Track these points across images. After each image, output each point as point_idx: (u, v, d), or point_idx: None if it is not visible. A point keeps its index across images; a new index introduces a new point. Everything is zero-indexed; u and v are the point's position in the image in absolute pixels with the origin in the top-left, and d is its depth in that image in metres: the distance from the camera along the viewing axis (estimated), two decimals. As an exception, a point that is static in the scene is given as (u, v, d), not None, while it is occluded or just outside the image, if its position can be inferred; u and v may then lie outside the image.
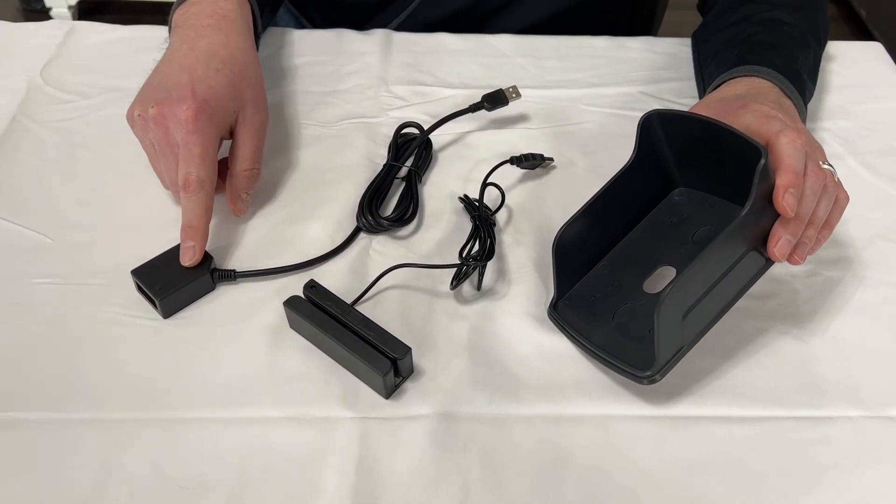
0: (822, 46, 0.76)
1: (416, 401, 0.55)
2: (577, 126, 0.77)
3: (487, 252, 0.62)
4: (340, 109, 0.77)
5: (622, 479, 0.51)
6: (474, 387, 0.56)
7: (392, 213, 0.67)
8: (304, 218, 0.67)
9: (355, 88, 0.79)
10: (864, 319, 0.61)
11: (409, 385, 0.56)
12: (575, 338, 0.58)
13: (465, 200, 0.68)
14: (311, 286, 0.58)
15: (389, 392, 0.54)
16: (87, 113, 0.76)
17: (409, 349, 0.54)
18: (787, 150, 0.53)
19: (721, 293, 0.54)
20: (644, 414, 0.55)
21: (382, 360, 0.53)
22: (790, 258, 0.55)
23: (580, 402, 0.55)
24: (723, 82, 0.66)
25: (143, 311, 0.59)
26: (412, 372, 0.56)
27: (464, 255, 0.61)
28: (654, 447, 0.53)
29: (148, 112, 0.62)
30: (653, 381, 0.54)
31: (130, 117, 0.64)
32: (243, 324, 0.59)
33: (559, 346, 0.58)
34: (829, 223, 0.57)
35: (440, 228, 0.67)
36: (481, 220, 0.64)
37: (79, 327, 0.58)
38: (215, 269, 0.61)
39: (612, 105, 0.79)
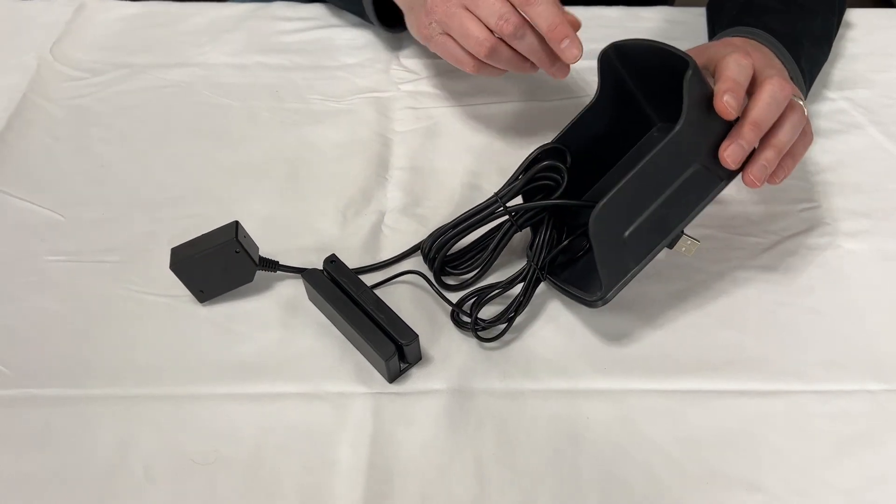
0: (835, 14, 0.74)
1: (429, 376, 0.55)
2: (589, 99, 0.75)
3: (517, 307, 0.56)
4: (350, 83, 0.76)
5: (638, 454, 0.51)
6: (487, 362, 0.55)
7: (460, 266, 0.60)
8: (317, 194, 0.66)
9: (365, 62, 0.79)
10: (884, 292, 0.60)
11: (414, 371, 0.55)
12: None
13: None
14: (331, 261, 0.58)
15: (393, 377, 0.54)
16: (98, 90, 0.76)
17: (417, 336, 0.53)
18: (728, 65, 0.52)
19: (669, 213, 0.53)
20: (660, 388, 0.54)
21: (388, 344, 0.53)
22: (746, 177, 0.53)
23: (595, 376, 0.55)
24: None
25: (156, 287, 0.59)
26: (420, 359, 0.55)
27: (472, 311, 0.56)
28: (671, 422, 0.52)
29: None
30: (605, 302, 0.53)
31: (425, 29, 0.63)
32: (258, 299, 0.59)
33: (573, 320, 0.58)
34: (793, 153, 0.55)
35: (452, 203, 0.66)
36: (530, 275, 0.57)
37: (93, 304, 0.59)
38: (262, 260, 0.59)
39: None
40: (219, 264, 0.56)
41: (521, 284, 0.57)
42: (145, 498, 0.49)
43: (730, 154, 0.51)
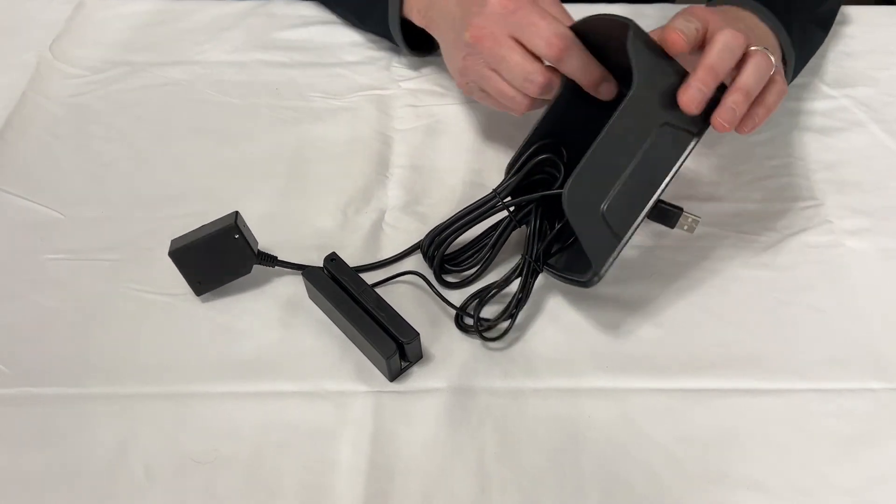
0: None
1: (430, 375, 0.55)
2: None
3: (517, 303, 0.56)
4: (350, 81, 0.76)
5: (639, 453, 0.51)
6: (489, 361, 0.55)
7: (462, 264, 0.60)
8: (317, 192, 0.66)
9: (366, 59, 0.78)
10: (885, 290, 0.59)
11: (415, 370, 0.55)
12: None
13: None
14: (332, 259, 0.58)
15: (394, 375, 0.54)
16: (97, 88, 0.75)
17: (418, 334, 0.53)
18: (675, 21, 0.52)
19: (645, 178, 0.51)
20: (661, 387, 0.54)
21: (388, 342, 0.53)
22: (714, 121, 0.51)
23: (596, 375, 0.55)
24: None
25: (156, 285, 0.59)
26: (420, 357, 0.55)
27: (475, 313, 0.56)
28: (672, 421, 0.52)
29: (465, 50, 0.59)
30: (599, 278, 0.52)
31: (464, 86, 0.64)
32: (258, 297, 0.59)
33: (574, 319, 0.58)
34: (764, 102, 0.53)
35: (453, 201, 0.66)
36: (526, 268, 0.57)
37: (92, 303, 0.58)
38: (261, 254, 0.59)
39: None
40: (217, 252, 0.56)
41: (519, 279, 0.57)
42: (145, 497, 0.49)
43: (687, 98, 0.50)
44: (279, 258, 0.59)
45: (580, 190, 0.50)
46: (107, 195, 0.66)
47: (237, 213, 0.57)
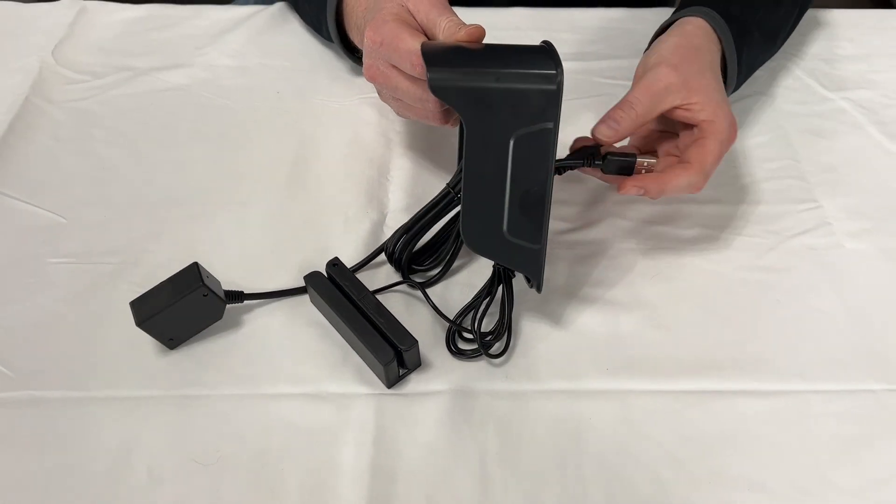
0: (797, 5, 0.73)
1: (429, 381, 0.55)
2: (593, 99, 0.76)
3: (505, 324, 0.56)
4: (351, 84, 0.76)
5: (642, 454, 0.51)
6: (490, 363, 0.55)
7: (425, 262, 0.61)
8: (318, 194, 0.66)
9: (367, 64, 0.79)
10: (886, 291, 0.60)
11: (414, 375, 0.55)
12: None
13: None
14: (334, 264, 0.58)
15: (392, 382, 0.54)
16: (99, 93, 0.76)
17: (416, 342, 0.53)
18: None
19: (529, 183, 0.50)
20: (663, 388, 0.54)
21: (386, 349, 0.53)
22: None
23: (597, 377, 0.55)
24: (678, 18, 0.65)
25: (158, 289, 0.59)
26: (419, 365, 0.55)
27: (473, 326, 0.55)
28: (673, 422, 0.52)
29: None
30: (539, 288, 0.54)
31: (382, 100, 0.62)
32: (259, 300, 0.59)
33: (575, 321, 0.58)
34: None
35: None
36: (498, 275, 0.56)
37: (95, 306, 0.59)
38: (228, 293, 0.57)
39: (628, 77, 0.77)
40: (187, 311, 0.55)
41: (499, 288, 0.56)
42: (149, 498, 0.49)
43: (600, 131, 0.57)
44: (253, 292, 0.59)
45: (474, 229, 0.51)
46: (109, 199, 0.66)
47: (197, 265, 0.55)
